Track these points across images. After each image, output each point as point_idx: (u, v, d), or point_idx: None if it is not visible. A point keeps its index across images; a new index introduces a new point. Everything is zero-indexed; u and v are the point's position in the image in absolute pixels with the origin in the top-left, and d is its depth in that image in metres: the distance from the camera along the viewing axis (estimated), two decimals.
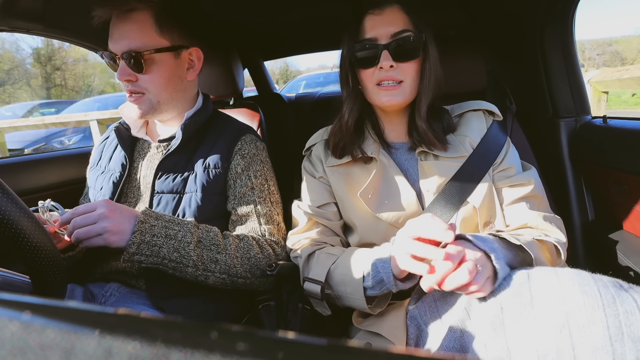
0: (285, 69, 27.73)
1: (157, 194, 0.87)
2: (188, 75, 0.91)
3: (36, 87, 15.51)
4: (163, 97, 0.87)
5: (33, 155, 1.32)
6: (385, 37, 0.79)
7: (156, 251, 0.76)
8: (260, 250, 0.85)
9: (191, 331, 0.17)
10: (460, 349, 0.57)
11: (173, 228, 0.78)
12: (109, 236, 0.72)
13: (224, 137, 0.93)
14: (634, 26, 45.34)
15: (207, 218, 0.87)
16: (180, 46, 0.87)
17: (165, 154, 0.88)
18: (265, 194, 0.92)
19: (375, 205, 0.81)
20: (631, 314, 0.47)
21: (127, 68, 0.82)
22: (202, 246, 0.79)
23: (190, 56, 0.91)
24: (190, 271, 0.78)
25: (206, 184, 0.87)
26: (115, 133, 0.94)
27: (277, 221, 0.93)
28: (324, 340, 0.17)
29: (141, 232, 0.75)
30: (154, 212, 0.79)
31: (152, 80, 0.84)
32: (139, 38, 0.81)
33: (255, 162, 0.93)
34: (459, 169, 0.81)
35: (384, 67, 0.78)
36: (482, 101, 0.91)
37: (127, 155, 0.92)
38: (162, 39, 0.84)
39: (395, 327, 0.67)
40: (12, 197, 0.47)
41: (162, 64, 0.85)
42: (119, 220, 0.74)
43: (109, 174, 0.93)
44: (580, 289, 0.50)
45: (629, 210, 0.99)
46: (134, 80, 0.84)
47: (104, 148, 1.00)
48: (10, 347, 0.17)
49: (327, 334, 0.97)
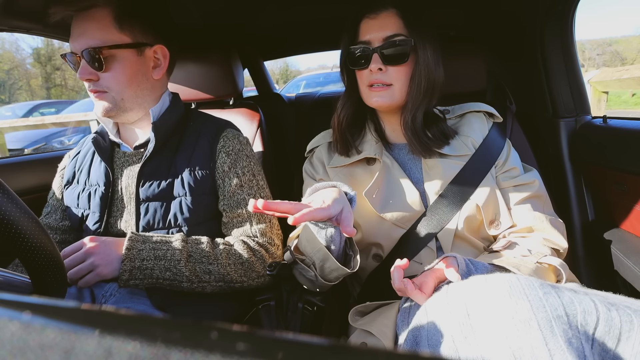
0: (285, 69, 27.75)
1: (143, 202, 0.85)
2: (154, 74, 0.88)
3: (36, 87, 15.53)
4: (126, 95, 0.84)
5: (33, 155, 1.32)
6: (377, 40, 0.81)
7: (149, 274, 0.77)
8: (252, 254, 0.84)
9: (191, 331, 0.17)
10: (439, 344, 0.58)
11: (161, 248, 0.78)
12: (100, 270, 0.75)
13: (204, 135, 0.91)
14: (634, 26, 45.44)
15: (200, 221, 0.86)
16: (142, 43, 0.84)
17: (144, 160, 0.86)
18: (254, 190, 0.91)
19: (380, 205, 0.81)
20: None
21: (87, 67, 0.80)
22: (193, 260, 0.80)
23: (156, 54, 0.87)
24: (186, 285, 0.80)
25: (194, 186, 0.85)
26: (94, 144, 0.90)
27: (268, 218, 0.91)
28: (324, 340, 0.17)
29: (130, 259, 0.76)
30: (140, 236, 0.79)
31: (113, 78, 0.82)
32: (97, 35, 0.79)
33: (241, 158, 0.91)
34: (462, 168, 0.82)
35: (372, 70, 0.80)
36: (482, 103, 0.92)
37: (108, 166, 0.88)
38: (123, 35, 0.81)
39: (385, 325, 0.68)
40: (12, 197, 0.47)
41: (123, 61, 0.82)
42: (105, 252, 0.76)
43: (93, 189, 0.88)
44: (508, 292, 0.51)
45: (628, 210, 0.99)
46: (95, 79, 0.81)
47: (76, 163, 0.95)
48: (10, 347, 0.17)
49: (327, 334, 0.97)
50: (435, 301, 0.58)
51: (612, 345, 0.47)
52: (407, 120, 0.83)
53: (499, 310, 0.48)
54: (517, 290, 0.49)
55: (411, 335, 0.59)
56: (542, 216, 0.79)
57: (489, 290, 0.50)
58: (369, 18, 0.83)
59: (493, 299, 0.49)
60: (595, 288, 0.59)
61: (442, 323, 0.53)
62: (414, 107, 0.83)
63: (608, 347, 0.47)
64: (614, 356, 0.47)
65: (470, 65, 1.19)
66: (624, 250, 0.96)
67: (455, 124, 0.91)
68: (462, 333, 0.50)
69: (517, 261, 0.70)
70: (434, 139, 0.83)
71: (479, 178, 0.81)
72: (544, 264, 0.72)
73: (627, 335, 0.47)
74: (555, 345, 0.44)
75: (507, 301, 0.48)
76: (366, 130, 0.91)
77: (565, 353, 0.43)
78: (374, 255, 0.85)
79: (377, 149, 0.86)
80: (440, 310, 0.55)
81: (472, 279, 0.55)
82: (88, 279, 0.75)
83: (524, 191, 0.82)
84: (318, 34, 1.67)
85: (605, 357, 0.47)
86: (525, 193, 0.82)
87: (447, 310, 0.53)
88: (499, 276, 0.53)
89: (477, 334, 0.48)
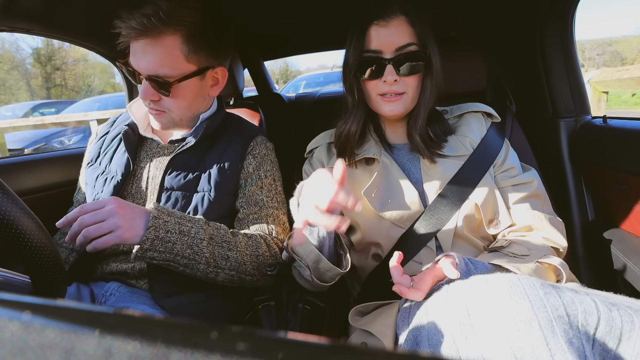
0: (285, 69, 27.74)
1: (167, 190, 0.86)
2: (211, 91, 0.91)
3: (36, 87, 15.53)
4: (185, 116, 0.88)
5: (33, 155, 1.32)
6: (390, 50, 0.78)
7: (170, 247, 0.74)
8: (267, 249, 0.86)
9: (191, 331, 0.17)
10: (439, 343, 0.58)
11: (186, 224, 0.77)
12: (122, 232, 0.68)
13: (237, 139, 0.94)
14: (634, 26, 45.28)
15: (217, 217, 0.87)
16: (206, 67, 0.85)
17: (177, 152, 0.88)
18: (272, 193, 0.94)
19: (379, 205, 0.81)
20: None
21: (151, 89, 0.81)
22: (214, 243, 0.79)
23: (215, 74, 0.90)
24: (202, 268, 0.77)
25: (220, 184, 0.88)
26: (123, 137, 0.91)
27: (282, 221, 0.94)
28: (324, 340, 0.17)
29: (155, 227, 0.72)
30: (165, 208, 0.77)
31: (176, 103, 0.84)
32: (166, 64, 0.78)
33: (266, 162, 0.95)
34: (461, 168, 0.82)
35: (387, 81, 0.79)
36: (480, 104, 0.93)
37: (131, 158, 0.89)
38: (190, 64, 0.82)
39: (385, 325, 0.68)
40: (12, 197, 0.47)
41: (188, 88, 0.83)
42: (130, 215, 0.71)
43: (110, 176, 0.90)
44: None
45: (628, 210, 0.99)
46: (157, 99, 0.83)
47: (102, 144, 0.97)
48: (10, 347, 0.17)
49: (327, 334, 0.97)
50: (436, 301, 0.58)
51: (613, 346, 0.47)
52: (416, 124, 0.84)
53: (499, 310, 0.48)
54: (518, 290, 0.49)
55: (411, 335, 0.59)
56: (541, 215, 0.80)
57: (489, 290, 0.50)
58: (378, 25, 0.79)
59: (494, 299, 0.49)
60: (595, 288, 0.59)
61: (442, 323, 0.53)
62: (424, 111, 0.83)
63: (609, 347, 0.47)
64: (614, 356, 0.47)
65: (470, 65, 1.19)
66: (624, 250, 0.96)
67: (453, 124, 0.91)
68: (462, 333, 0.50)
69: (517, 261, 0.70)
70: (435, 140, 0.84)
71: (478, 178, 0.81)
72: (544, 263, 0.72)
73: (628, 335, 0.47)
74: (556, 345, 0.44)
75: (508, 301, 0.48)
76: (366, 131, 0.92)
77: (566, 353, 0.43)
78: (374, 255, 0.85)
79: (376, 149, 0.87)
80: (440, 310, 0.55)
81: (473, 279, 0.55)
82: (107, 239, 0.67)
83: (523, 190, 0.83)
84: (318, 34, 1.67)
85: (606, 357, 0.47)
86: (524, 192, 0.82)
87: (448, 310, 0.53)
88: (500, 276, 0.53)
89: (478, 333, 0.48)
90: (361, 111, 0.87)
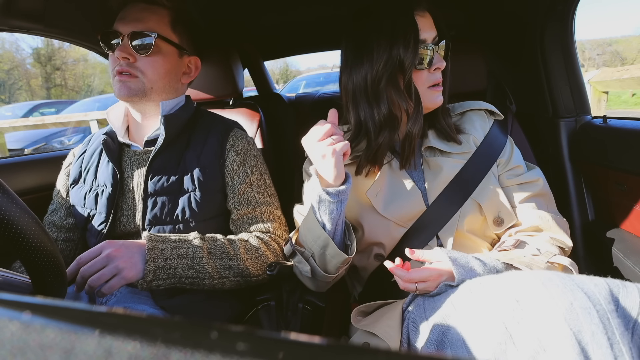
0: (285, 69, 27.74)
1: (151, 196, 0.85)
2: (183, 78, 0.94)
3: (36, 87, 15.52)
4: (156, 86, 0.86)
5: (33, 155, 1.32)
6: (431, 39, 0.78)
7: (172, 273, 0.76)
8: (267, 248, 0.87)
9: (191, 331, 0.17)
10: (444, 343, 0.58)
11: (182, 246, 0.78)
12: (125, 273, 0.71)
13: (213, 133, 0.94)
14: (634, 26, 45.43)
15: (207, 217, 0.88)
16: (185, 49, 0.90)
17: (154, 153, 0.86)
18: (262, 188, 0.94)
19: (382, 205, 0.81)
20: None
21: (129, 47, 0.82)
22: (214, 257, 0.80)
23: (189, 63, 0.94)
24: (207, 282, 0.80)
25: (204, 182, 0.87)
26: (104, 146, 0.89)
27: (277, 215, 0.94)
28: (324, 340, 0.17)
29: (153, 259, 0.75)
30: (158, 236, 0.78)
31: (152, 65, 0.84)
32: (153, 26, 0.84)
33: (249, 157, 0.94)
34: (463, 166, 0.82)
35: (440, 68, 0.79)
36: (482, 102, 0.92)
37: (116, 167, 0.88)
38: (174, 35, 0.88)
39: (390, 326, 0.67)
40: (12, 197, 0.47)
41: (167, 55, 0.87)
42: (127, 255, 0.73)
43: (100, 190, 0.88)
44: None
45: (629, 210, 0.99)
46: (132, 61, 0.83)
47: (82, 162, 0.95)
48: (10, 347, 0.17)
49: (327, 334, 0.97)
50: (467, 294, 0.59)
51: None
52: (444, 113, 0.85)
53: (554, 298, 0.49)
54: (570, 283, 0.50)
55: (437, 330, 0.59)
56: (547, 215, 0.79)
57: (539, 281, 0.52)
58: (419, 15, 0.76)
59: (545, 289, 0.50)
60: None
61: (487, 312, 0.53)
62: (446, 102, 0.85)
63: None
64: None
65: (471, 65, 1.19)
66: (624, 250, 0.96)
67: (456, 121, 0.91)
68: (514, 318, 0.50)
69: (528, 260, 0.70)
70: (445, 132, 0.85)
71: (480, 176, 0.81)
72: (555, 263, 0.72)
73: None
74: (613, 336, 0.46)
75: (562, 290, 0.49)
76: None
77: (619, 345, 0.46)
78: (376, 255, 0.85)
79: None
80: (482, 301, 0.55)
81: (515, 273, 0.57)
82: (112, 284, 0.70)
83: (528, 189, 0.82)
84: (318, 34, 1.67)
85: None
86: (529, 191, 0.82)
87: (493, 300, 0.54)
88: (548, 271, 0.54)
89: (532, 317, 0.49)
90: (396, 121, 0.79)
